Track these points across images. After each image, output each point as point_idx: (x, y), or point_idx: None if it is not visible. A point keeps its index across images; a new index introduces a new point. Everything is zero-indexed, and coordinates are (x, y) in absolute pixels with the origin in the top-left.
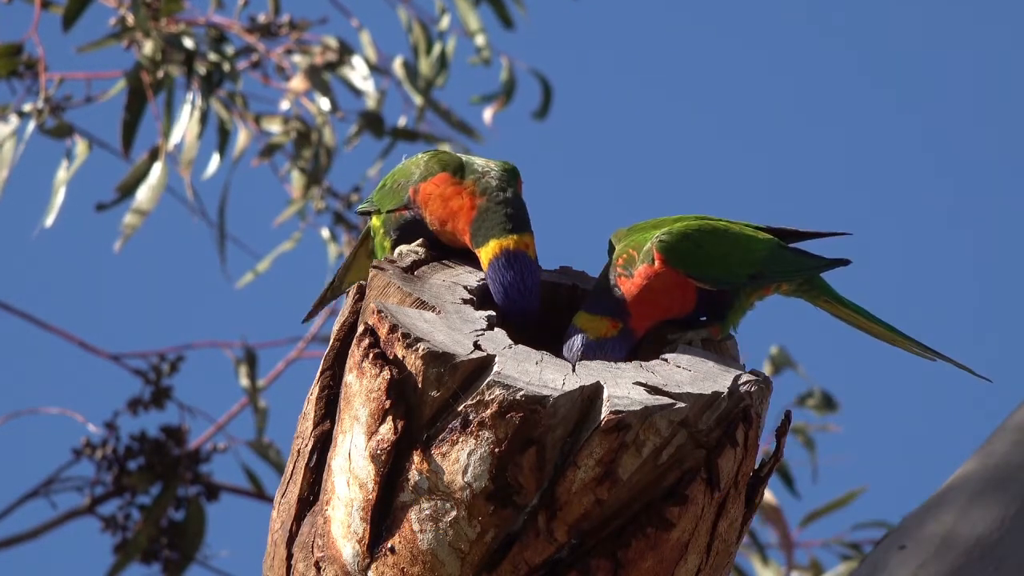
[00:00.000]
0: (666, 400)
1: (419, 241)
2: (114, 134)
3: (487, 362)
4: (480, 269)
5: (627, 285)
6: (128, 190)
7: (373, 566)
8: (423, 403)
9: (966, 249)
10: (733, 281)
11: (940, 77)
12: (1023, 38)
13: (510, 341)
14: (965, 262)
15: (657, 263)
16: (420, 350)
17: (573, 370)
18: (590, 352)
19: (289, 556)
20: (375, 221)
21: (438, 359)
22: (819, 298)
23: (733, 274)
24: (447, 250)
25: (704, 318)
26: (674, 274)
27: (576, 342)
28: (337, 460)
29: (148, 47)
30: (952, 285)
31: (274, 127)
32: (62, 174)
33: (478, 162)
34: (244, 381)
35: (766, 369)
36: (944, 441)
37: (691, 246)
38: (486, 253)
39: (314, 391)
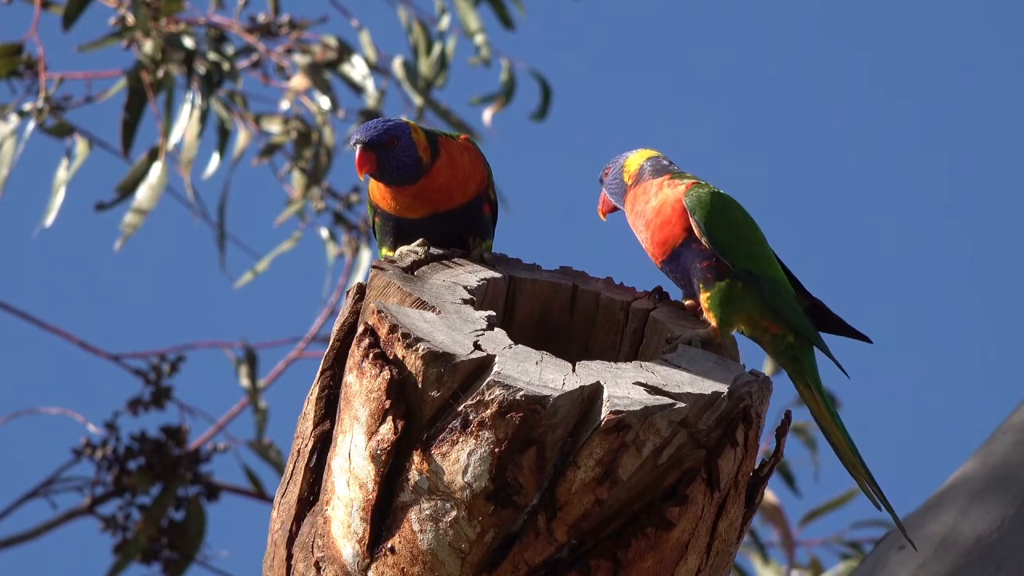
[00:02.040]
0: (666, 400)
1: (419, 241)
2: (114, 134)
3: (487, 362)
4: (449, 206)
5: (663, 182)
6: (128, 190)
7: (373, 566)
8: (423, 403)
9: (965, 251)
10: (728, 256)
11: (942, 74)
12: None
13: (510, 341)
14: (965, 263)
15: (682, 190)
16: (420, 350)
17: (573, 370)
18: (613, 170)
19: (289, 556)
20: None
21: (438, 359)
22: (803, 375)
23: (732, 252)
24: (426, 236)
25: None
26: (680, 208)
27: (622, 157)
28: (337, 460)
29: (148, 47)
30: (952, 285)
31: (274, 127)
32: (62, 174)
33: None
34: (244, 381)
35: (765, 369)
36: (944, 441)
37: (716, 202)
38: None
39: (314, 391)
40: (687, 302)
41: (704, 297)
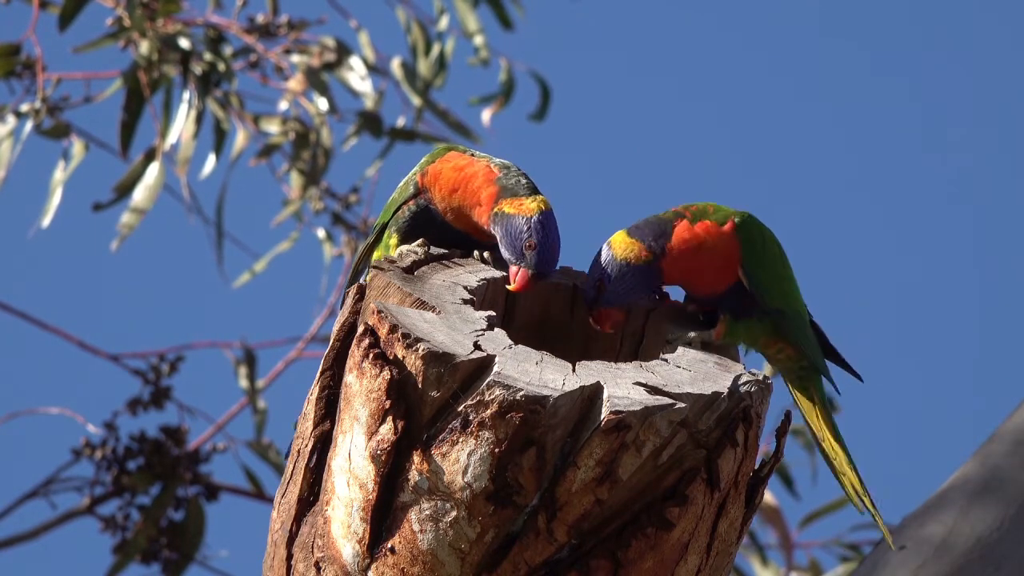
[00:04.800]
0: (666, 400)
1: (419, 241)
2: (112, 134)
3: (487, 362)
4: (487, 240)
5: (682, 228)
6: (125, 190)
7: (373, 566)
8: (423, 403)
9: (965, 251)
10: (764, 298)
11: (942, 72)
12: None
13: (510, 341)
14: (965, 265)
15: (727, 227)
16: (420, 350)
17: (573, 370)
18: (611, 271)
19: (289, 556)
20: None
21: (438, 359)
22: (809, 391)
23: (768, 293)
24: (448, 246)
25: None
26: (732, 248)
27: (603, 256)
28: (337, 460)
29: (144, 47)
30: (952, 285)
31: (272, 127)
32: (59, 174)
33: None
34: (243, 381)
35: (766, 370)
36: (944, 442)
37: (760, 239)
38: (519, 208)
39: (314, 391)
40: (690, 306)
41: (725, 319)
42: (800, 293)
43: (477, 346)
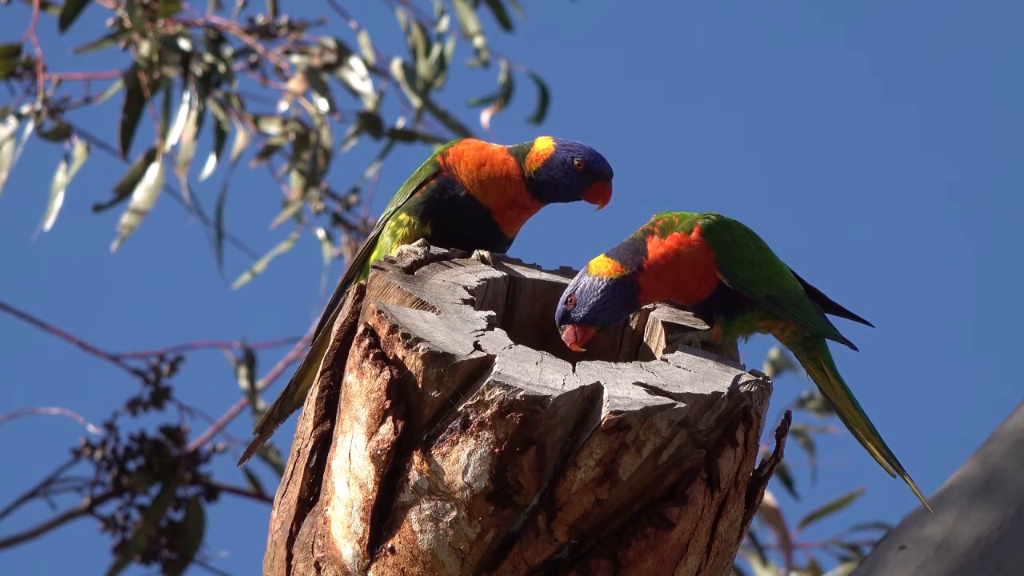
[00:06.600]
0: (666, 400)
1: (419, 241)
2: (112, 134)
3: (487, 362)
4: (508, 214)
5: (655, 244)
6: (125, 191)
7: (373, 566)
8: (423, 403)
9: (965, 257)
10: (751, 291)
11: (942, 73)
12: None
13: (510, 341)
14: (964, 268)
15: (695, 234)
16: (420, 350)
17: (573, 370)
18: (585, 288)
19: (289, 556)
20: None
21: (438, 359)
22: (817, 360)
23: (754, 285)
24: (466, 220)
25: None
26: (705, 253)
27: (578, 275)
28: (337, 460)
29: (145, 48)
30: (951, 284)
31: (272, 128)
32: (61, 177)
33: None
34: (243, 382)
35: (766, 370)
36: (943, 443)
37: (730, 237)
38: (543, 143)
39: (314, 391)
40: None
41: (720, 321)
42: (786, 269)
43: (477, 346)
